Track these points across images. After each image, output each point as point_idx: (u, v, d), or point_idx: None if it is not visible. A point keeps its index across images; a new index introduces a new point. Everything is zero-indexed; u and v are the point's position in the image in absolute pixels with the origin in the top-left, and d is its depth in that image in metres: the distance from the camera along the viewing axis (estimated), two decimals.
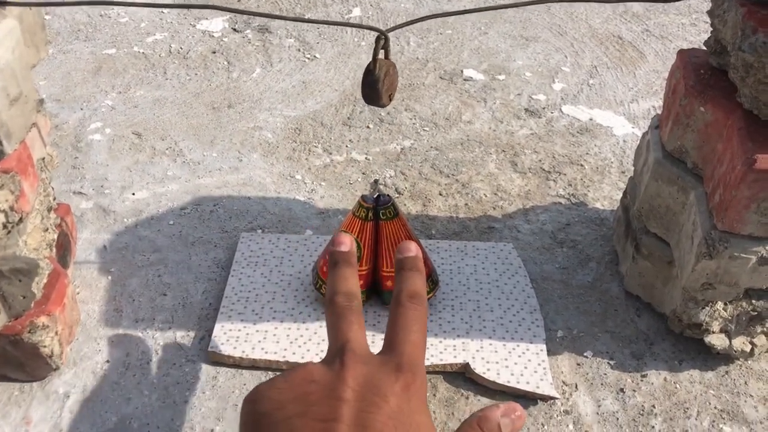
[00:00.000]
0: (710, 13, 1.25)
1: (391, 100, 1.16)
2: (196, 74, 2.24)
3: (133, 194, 1.77)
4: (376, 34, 1.12)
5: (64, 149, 1.90)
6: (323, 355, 1.35)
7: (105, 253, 1.61)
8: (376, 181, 1.37)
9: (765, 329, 1.34)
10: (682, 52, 1.34)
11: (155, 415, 1.29)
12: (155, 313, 1.48)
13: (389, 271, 1.40)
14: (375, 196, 1.37)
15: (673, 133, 1.32)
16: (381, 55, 1.10)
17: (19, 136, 1.05)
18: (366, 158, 1.90)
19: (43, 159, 1.30)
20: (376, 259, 1.41)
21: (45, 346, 1.28)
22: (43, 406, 1.30)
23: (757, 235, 1.19)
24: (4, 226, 1.07)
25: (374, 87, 1.12)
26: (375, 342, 1.39)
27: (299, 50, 2.36)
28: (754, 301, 1.31)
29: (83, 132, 1.97)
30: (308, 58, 2.33)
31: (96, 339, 1.42)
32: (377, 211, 1.37)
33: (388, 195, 1.38)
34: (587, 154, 1.94)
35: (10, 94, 1.00)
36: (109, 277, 1.55)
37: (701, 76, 1.27)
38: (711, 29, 1.25)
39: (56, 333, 1.30)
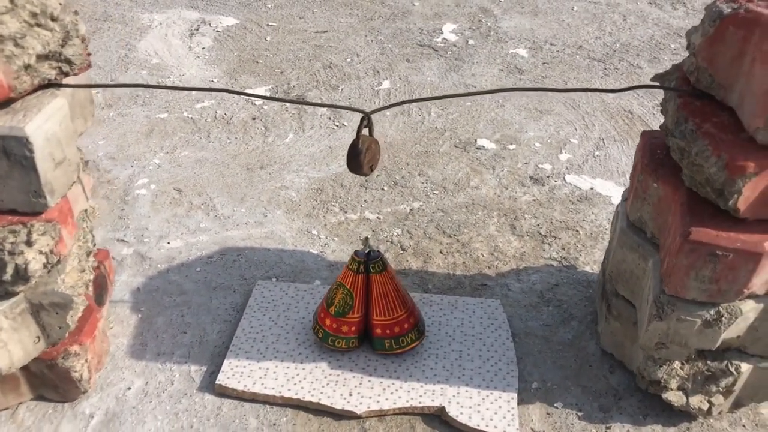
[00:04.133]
0: (661, 102, 1.41)
1: (372, 170, 1.36)
2: (236, 138, 2.50)
3: (168, 243, 2.00)
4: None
5: (113, 201, 2.16)
6: (315, 392, 1.53)
7: (138, 294, 1.83)
8: (367, 239, 1.56)
9: (721, 389, 1.44)
10: (644, 134, 1.50)
11: None
12: (175, 348, 1.68)
13: (379, 319, 1.57)
14: (366, 251, 1.55)
15: (634, 205, 1.47)
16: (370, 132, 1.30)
17: (61, 192, 1.29)
18: (377, 217, 2.10)
19: (86, 211, 1.54)
20: (368, 307, 1.58)
21: (76, 371, 1.49)
22: (71, 424, 1.50)
23: (700, 300, 1.31)
24: (45, 266, 1.30)
25: (357, 159, 1.32)
26: (362, 383, 1.55)
27: (330, 118, 2.60)
28: (709, 362, 1.42)
29: (131, 187, 2.23)
30: (337, 126, 2.56)
31: (122, 368, 1.63)
32: (368, 265, 1.55)
33: (378, 251, 1.56)
34: (583, 220, 2.08)
35: (55, 159, 1.24)
36: (140, 315, 1.76)
37: (656, 155, 1.42)
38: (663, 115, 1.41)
39: (86, 360, 1.51)
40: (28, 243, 1.26)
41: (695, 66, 1.23)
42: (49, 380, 1.51)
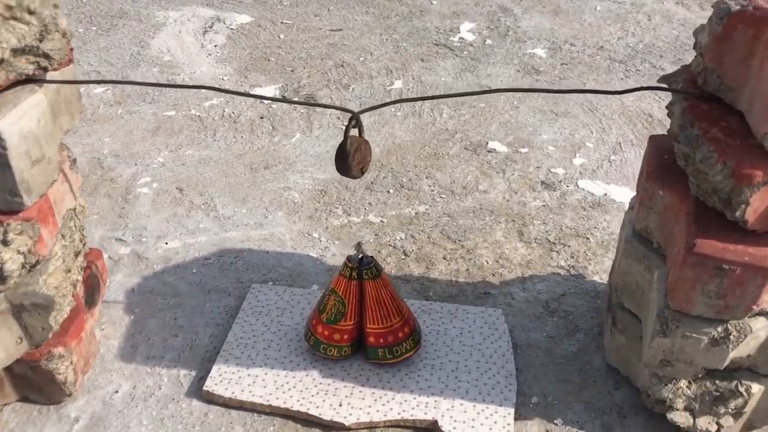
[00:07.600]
0: (667, 105, 1.33)
1: (363, 172, 1.30)
2: (242, 137, 2.46)
3: (166, 243, 1.96)
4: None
5: (114, 200, 2.13)
6: (304, 401, 1.47)
7: (132, 295, 1.79)
8: (359, 244, 1.50)
9: (730, 410, 1.35)
10: (652, 138, 1.42)
11: None
12: (165, 351, 1.63)
13: (372, 327, 1.51)
14: (359, 257, 1.49)
15: (640, 214, 1.39)
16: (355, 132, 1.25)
17: (40, 191, 1.25)
18: (381, 221, 2.04)
19: (74, 209, 1.50)
20: (362, 314, 1.52)
21: (60, 374, 1.45)
22: (55, 427, 1.47)
23: (707, 316, 1.23)
24: (23, 266, 1.26)
25: (345, 160, 1.27)
26: (353, 393, 1.50)
27: (338, 118, 2.55)
28: (717, 382, 1.33)
29: (134, 185, 2.20)
30: (345, 126, 2.50)
31: (110, 371, 1.59)
32: (360, 271, 1.49)
33: (371, 256, 1.50)
34: (595, 228, 2.00)
35: (32, 157, 1.20)
36: (132, 317, 1.73)
37: (663, 161, 1.34)
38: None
39: (71, 363, 1.48)
40: (5, 242, 1.22)
41: (702, 67, 1.15)
42: (33, 382, 1.48)
